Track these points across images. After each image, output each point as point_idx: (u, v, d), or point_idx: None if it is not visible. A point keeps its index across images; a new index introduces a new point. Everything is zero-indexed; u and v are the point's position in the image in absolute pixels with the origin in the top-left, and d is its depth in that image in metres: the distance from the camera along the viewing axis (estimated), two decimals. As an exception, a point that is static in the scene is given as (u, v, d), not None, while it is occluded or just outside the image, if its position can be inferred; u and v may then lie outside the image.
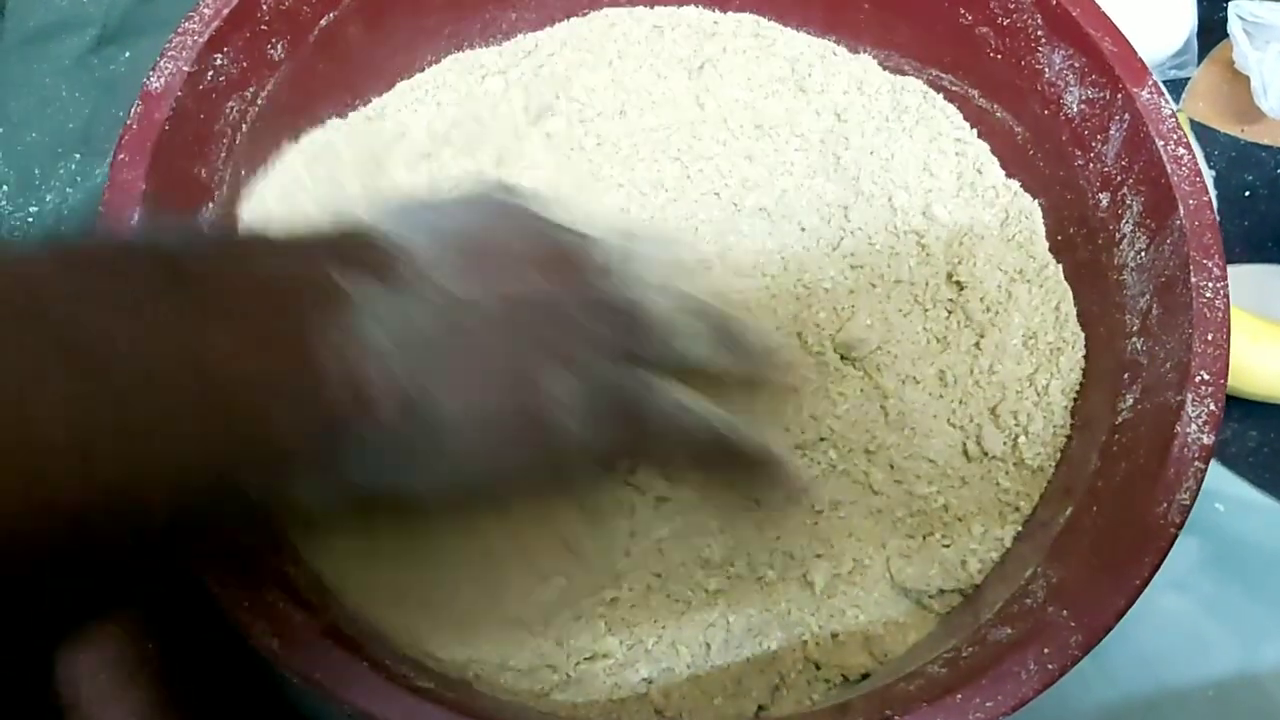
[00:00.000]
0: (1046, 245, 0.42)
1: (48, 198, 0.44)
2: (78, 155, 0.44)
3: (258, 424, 0.23)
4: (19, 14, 0.47)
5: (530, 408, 0.26)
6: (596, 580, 0.36)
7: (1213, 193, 0.53)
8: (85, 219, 0.44)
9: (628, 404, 0.28)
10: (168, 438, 0.21)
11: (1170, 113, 0.38)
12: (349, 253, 0.26)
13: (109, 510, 0.21)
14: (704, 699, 0.34)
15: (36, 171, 0.44)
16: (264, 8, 0.38)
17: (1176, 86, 0.57)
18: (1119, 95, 0.39)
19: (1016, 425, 0.38)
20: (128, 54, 0.47)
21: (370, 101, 0.44)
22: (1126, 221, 0.38)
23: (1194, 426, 0.33)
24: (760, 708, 0.34)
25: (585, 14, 0.47)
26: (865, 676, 0.35)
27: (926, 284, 0.41)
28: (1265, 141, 0.55)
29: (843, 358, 0.39)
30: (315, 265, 0.25)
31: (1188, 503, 0.31)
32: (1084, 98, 0.40)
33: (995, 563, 0.37)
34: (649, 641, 0.35)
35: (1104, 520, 0.34)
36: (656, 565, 0.36)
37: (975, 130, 0.44)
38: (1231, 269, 0.35)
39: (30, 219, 0.43)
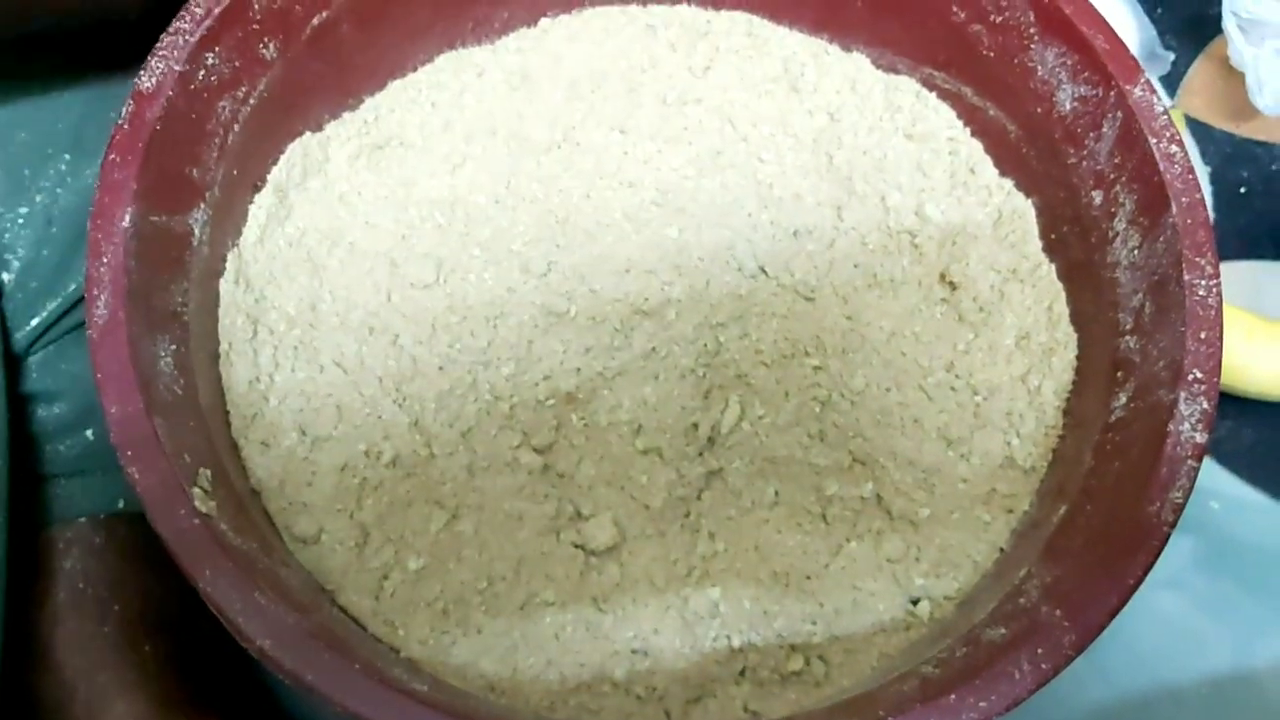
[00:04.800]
0: (1040, 244, 0.42)
1: (37, 199, 0.43)
2: (68, 156, 0.44)
3: None
4: (9, 14, 0.47)
5: None
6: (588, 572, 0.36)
7: (1207, 189, 0.53)
8: (76, 220, 0.44)
9: None
10: None
11: (1163, 110, 0.38)
12: None
13: None
14: (690, 691, 0.34)
15: (26, 173, 0.43)
16: (256, 7, 0.38)
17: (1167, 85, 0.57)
18: (1111, 92, 0.38)
19: (1009, 425, 0.38)
20: (118, 54, 0.47)
21: (364, 101, 0.44)
22: (1119, 219, 0.38)
23: (1187, 425, 0.33)
24: (754, 714, 0.34)
25: (578, 11, 0.47)
26: (858, 678, 0.35)
27: (919, 284, 0.41)
28: (1260, 138, 0.55)
29: (836, 358, 0.39)
30: None
31: (1181, 501, 0.31)
32: (1076, 95, 0.40)
33: (988, 563, 0.37)
34: (635, 629, 0.35)
35: (1097, 519, 0.34)
36: (650, 554, 0.36)
37: (968, 129, 0.44)
38: (1226, 266, 0.35)
39: (20, 220, 0.43)
